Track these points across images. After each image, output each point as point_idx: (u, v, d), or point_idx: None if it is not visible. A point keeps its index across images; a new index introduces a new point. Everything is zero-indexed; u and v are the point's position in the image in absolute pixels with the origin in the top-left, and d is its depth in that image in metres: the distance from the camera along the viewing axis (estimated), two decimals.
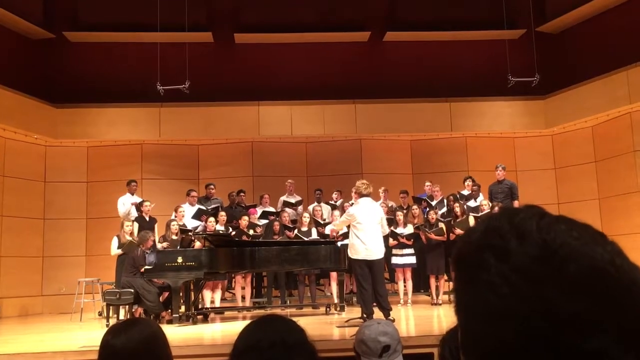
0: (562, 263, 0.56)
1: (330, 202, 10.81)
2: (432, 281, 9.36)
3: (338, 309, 8.58)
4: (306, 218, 9.78)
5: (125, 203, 9.85)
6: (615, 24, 11.20)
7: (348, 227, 7.30)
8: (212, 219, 9.19)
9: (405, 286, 9.47)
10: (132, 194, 10.06)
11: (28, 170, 11.29)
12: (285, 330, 1.42)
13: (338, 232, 8.97)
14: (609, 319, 0.54)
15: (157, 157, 11.93)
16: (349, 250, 7.07)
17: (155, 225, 9.62)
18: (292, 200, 10.85)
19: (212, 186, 10.63)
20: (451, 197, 9.96)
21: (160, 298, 8.20)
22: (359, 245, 6.79)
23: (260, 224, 9.98)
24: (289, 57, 12.26)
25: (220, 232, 9.15)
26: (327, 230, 9.60)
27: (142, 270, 8.10)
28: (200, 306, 8.77)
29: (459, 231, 9.00)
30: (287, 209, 10.43)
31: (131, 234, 9.12)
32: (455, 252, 0.64)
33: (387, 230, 7.54)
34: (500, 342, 0.56)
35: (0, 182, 10.77)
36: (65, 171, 11.69)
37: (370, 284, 6.78)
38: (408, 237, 9.32)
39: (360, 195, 7.01)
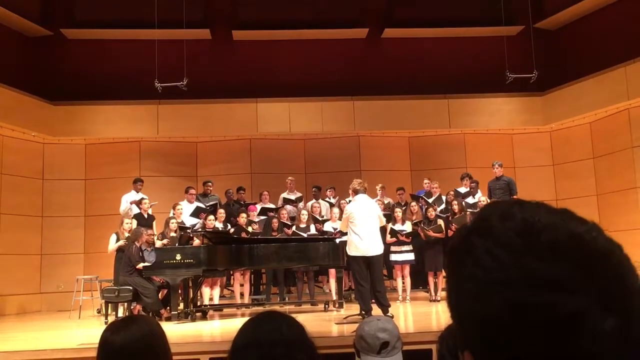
0: (539, 233, 0.59)
1: (325, 199, 10.82)
2: (431, 278, 9.37)
3: (337, 305, 8.59)
4: (304, 215, 9.78)
5: (129, 201, 9.83)
6: (613, 21, 11.19)
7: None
8: (211, 216, 9.18)
9: (403, 283, 9.48)
10: (138, 192, 10.02)
11: (26, 167, 11.26)
12: (284, 326, 1.42)
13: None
14: (586, 282, 0.56)
15: (155, 154, 11.91)
16: (347, 248, 7.12)
17: (154, 223, 9.61)
18: (293, 197, 10.84)
19: (209, 183, 10.62)
20: (451, 194, 9.97)
21: (159, 295, 8.20)
22: (357, 241, 6.84)
23: (256, 221, 9.97)
24: (287, 54, 12.24)
25: (219, 229, 9.14)
26: (328, 226, 9.61)
27: (139, 267, 8.06)
28: (199, 303, 8.76)
29: (456, 227, 9.01)
30: (287, 206, 10.43)
31: (130, 231, 9.10)
32: (448, 247, 0.67)
33: (384, 221, 7.65)
34: (488, 316, 0.58)
35: None
36: (63, 169, 11.67)
37: (368, 281, 6.82)
38: (407, 234, 9.33)
39: (356, 192, 7.12)
